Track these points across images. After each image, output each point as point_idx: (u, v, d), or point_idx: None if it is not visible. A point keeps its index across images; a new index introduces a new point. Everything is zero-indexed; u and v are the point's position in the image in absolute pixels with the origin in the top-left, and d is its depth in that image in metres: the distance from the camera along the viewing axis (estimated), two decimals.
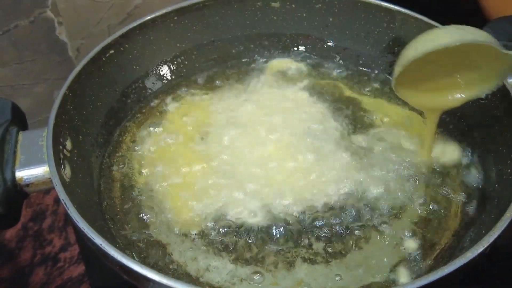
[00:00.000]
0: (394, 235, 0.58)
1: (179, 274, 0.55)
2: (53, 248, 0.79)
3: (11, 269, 0.76)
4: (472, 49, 0.56)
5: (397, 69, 0.59)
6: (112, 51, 0.70)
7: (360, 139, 0.69)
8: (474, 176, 0.65)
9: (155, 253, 0.57)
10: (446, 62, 0.59)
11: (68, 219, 0.82)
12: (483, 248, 0.45)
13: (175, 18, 0.77)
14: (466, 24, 0.59)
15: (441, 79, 0.61)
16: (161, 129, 0.71)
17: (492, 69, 0.58)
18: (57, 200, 0.85)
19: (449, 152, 0.68)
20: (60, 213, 0.84)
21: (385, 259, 0.56)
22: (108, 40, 0.69)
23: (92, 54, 0.67)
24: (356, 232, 0.58)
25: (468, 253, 0.45)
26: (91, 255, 0.59)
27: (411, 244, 0.58)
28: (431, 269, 0.55)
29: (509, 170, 0.58)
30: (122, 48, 0.72)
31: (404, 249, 0.57)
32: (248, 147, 0.67)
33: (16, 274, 0.75)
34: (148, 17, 0.74)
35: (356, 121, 0.72)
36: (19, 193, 0.54)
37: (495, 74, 0.59)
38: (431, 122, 0.65)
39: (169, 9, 0.75)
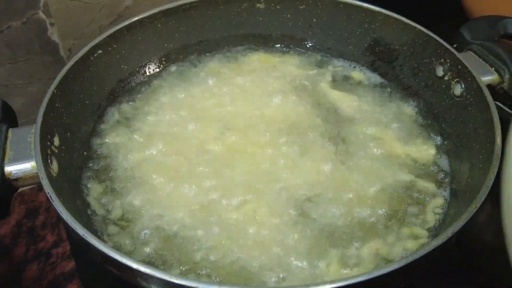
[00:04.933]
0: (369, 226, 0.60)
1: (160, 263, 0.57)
2: (46, 244, 0.80)
3: (5, 265, 0.77)
4: None
5: None
6: (100, 51, 0.71)
7: (340, 133, 0.71)
8: (447, 171, 0.67)
9: (137, 243, 0.59)
10: None
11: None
12: (447, 238, 0.47)
13: (163, 19, 0.78)
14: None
15: None
16: (148, 126, 0.72)
17: None
18: None
19: (424, 147, 0.69)
20: (53, 210, 0.84)
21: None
22: (97, 40, 0.71)
23: (80, 54, 0.68)
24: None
25: (433, 241, 0.46)
26: (80, 250, 0.60)
27: (386, 240, 0.60)
28: None
29: (480, 165, 0.59)
30: (110, 48, 0.73)
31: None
32: (233, 139, 0.69)
33: (10, 269, 0.76)
34: (136, 18, 0.75)
35: (337, 116, 0.74)
36: (8, 187, 0.56)
37: None
38: None
39: (156, 10, 0.77)
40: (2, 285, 0.74)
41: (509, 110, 0.67)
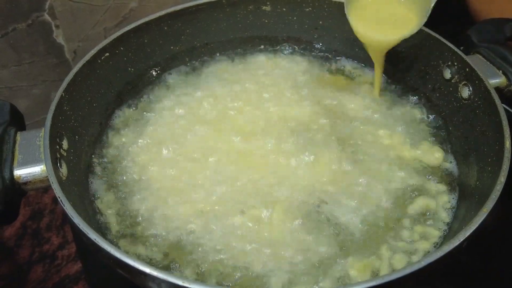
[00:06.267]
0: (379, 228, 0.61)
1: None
2: (51, 246, 0.80)
3: (10, 266, 0.77)
4: None
5: None
6: (107, 54, 0.72)
7: (347, 135, 0.71)
8: (455, 174, 0.67)
9: (145, 246, 0.59)
10: None
11: (65, 217, 0.83)
12: (459, 242, 0.47)
13: (169, 21, 0.78)
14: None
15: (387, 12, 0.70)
16: (155, 129, 0.72)
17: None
18: (55, 199, 0.86)
19: (431, 150, 0.69)
20: (58, 212, 0.85)
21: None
22: (104, 43, 0.71)
23: (87, 57, 0.68)
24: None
25: (445, 246, 0.46)
26: (88, 252, 0.60)
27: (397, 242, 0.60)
28: None
29: (489, 168, 0.60)
30: (117, 51, 0.73)
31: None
32: (240, 142, 0.69)
33: (15, 271, 0.76)
34: (143, 21, 0.75)
35: (345, 118, 0.74)
36: (17, 191, 0.56)
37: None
38: (377, 62, 0.73)
39: (162, 12, 0.77)
40: (7, 287, 0.75)
41: None
